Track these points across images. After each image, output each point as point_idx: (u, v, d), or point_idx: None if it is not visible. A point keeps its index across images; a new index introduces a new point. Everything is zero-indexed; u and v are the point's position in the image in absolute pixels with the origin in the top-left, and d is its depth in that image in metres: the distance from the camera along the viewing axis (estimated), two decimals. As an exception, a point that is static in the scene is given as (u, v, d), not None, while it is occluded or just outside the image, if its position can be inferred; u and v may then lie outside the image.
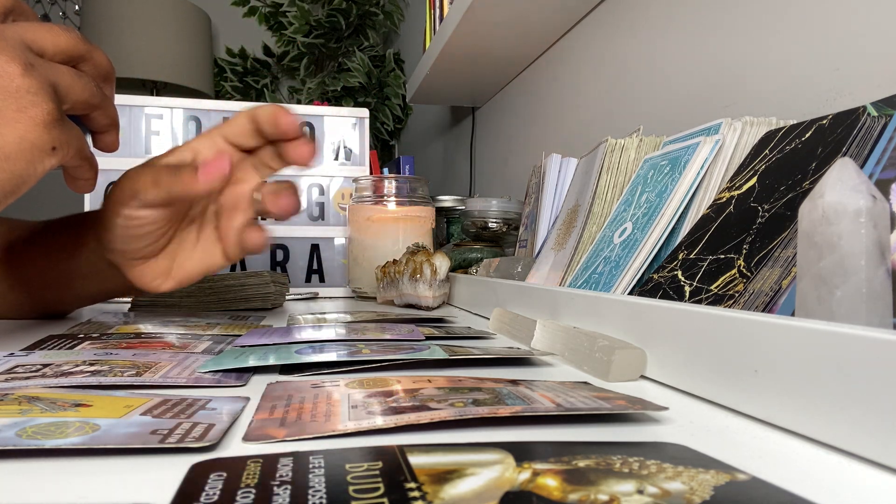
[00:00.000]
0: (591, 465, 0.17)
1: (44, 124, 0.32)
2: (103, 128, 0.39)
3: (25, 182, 0.32)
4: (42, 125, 0.31)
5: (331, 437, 0.20)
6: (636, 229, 0.47)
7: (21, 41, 0.32)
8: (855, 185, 0.24)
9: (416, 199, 0.82)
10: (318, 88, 2.17)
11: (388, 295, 0.70)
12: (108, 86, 0.38)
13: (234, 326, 0.47)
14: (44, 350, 0.35)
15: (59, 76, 0.33)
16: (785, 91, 0.51)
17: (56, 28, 0.34)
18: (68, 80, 0.34)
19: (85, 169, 0.38)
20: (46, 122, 0.32)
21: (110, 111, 0.38)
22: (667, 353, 0.29)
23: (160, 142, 0.86)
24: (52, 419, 0.20)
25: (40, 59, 0.33)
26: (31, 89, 0.31)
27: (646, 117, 0.73)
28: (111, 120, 0.39)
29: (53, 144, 0.32)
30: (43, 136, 0.32)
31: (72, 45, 0.34)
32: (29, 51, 0.32)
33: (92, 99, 0.35)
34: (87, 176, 0.39)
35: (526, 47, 1.05)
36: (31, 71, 0.31)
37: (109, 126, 0.39)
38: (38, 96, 0.31)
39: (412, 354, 0.33)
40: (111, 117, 0.39)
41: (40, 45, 0.33)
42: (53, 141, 0.32)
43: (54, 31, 0.34)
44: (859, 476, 0.18)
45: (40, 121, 0.31)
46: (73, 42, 0.34)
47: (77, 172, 0.38)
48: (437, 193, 1.17)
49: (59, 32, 0.34)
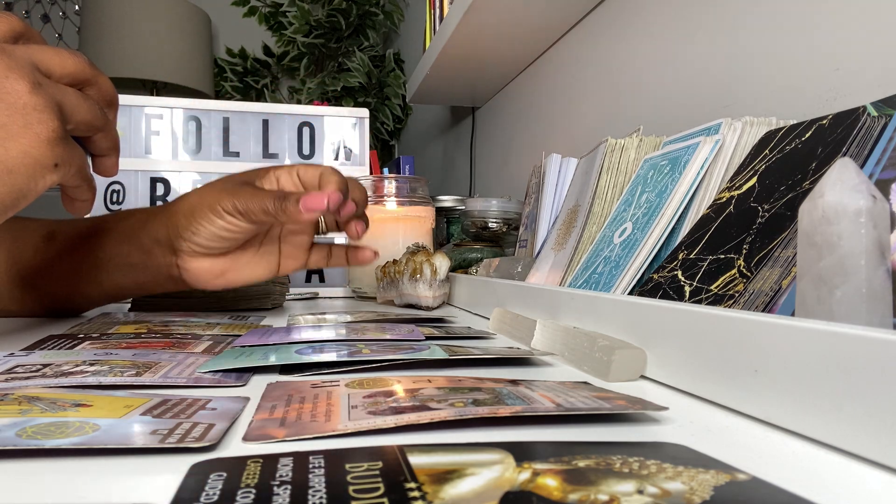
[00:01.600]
0: (591, 465, 0.17)
1: (47, 141, 0.32)
2: (104, 151, 0.40)
3: (26, 196, 0.33)
4: (46, 142, 0.32)
5: (331, 437, 0.20)
6: (636, 229, 0.47)
7: (30, 61, 0.33)
8: (855, 185, 0.24)
9: (416, 199, 0.82)
10: (318, 88, 2.17)
11: (388, 295, 0.70)
12: (112, 111, 0.40)
13: (234, 326, 0.47)
14: (44, 350, 0.35)
15: (65, 96, 0.34)
16: (785, 91, 0.51)
17: (64, 52, 0.35)
18: (74, 101, 0.35)
19: (84, 190, 0.39)
20: (50, 138, 0.32)
21: (112, 135, 0.39)
22: (667, 353, 0.29)
23: (160, 142, 0.86)
24: (52, 419, 0.20)
25: (47, 80, 0.34)
26: (37, 107, 0.32)
27: (646, 117, 0.73)
28: (113, 143, 0.40)
29: (56, 161, 0.33)
30: (46, 153, 0.33)
31: (79, 68, 0.36)
32: (37, 71, 0.33)
33: (95, 121, 0.36)
34: (86, 197, 0.39)
35: (526, 47, 1.05)
36: (38, 89, 0.32)
37: (110, 150, 0.40)
38: (43, 114, 0.32)
39: (412, 354, 0.33)
40: (113, 141, 0.40)
41: (48, 66, 0.34)
42: (56, 158, 0.33)
43: (62, 54, 0.35)
44: (859, 476, 0.18)
45: (44, 137, 0.32)
46: (80, 66, 0.36)
47: (76, 193, 0.39)
48: (437, 193, 1.17)
49: (66, 56, 0.35)
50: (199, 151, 0.88)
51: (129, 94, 0.88)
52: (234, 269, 0.48)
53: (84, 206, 0.40)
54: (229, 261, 0.48)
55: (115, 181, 0.85)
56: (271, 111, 0.90)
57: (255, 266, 0.49)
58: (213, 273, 0.47)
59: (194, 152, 0.88)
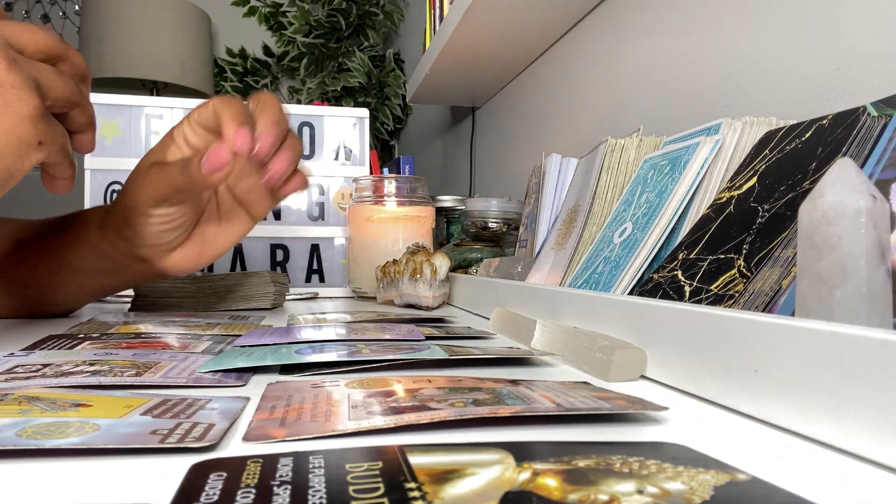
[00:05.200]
0: (591, 465, 0.17)
1: (30, 119, 0.32)
2: (81, 127, 0.39)
3: (13, 176, 0.33)
4: (28, 120, 0.32)
5: (331, 437, 0.20)
6: (636, 229, 0.47)
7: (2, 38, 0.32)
8: (855, 185, 0.24)
9: (416, 199, 0.82)
10: (318, 88, 2.17)
11: (388, 295, 0.70)
12: (85, 86, 0.39)
13: (234, 326, 0.47)
14: (44, 350, 0.35)
15: (40, 73, 0.33)
16: (785, 91, 0.51)
17: (34, 27, 0.34)
18: (50, 77, 0.34)
19: (65, 167, 0.38)
20: (32, 116, 0.32)
21: (88, 110, 0.39)
22: (667, 353, 0.29)
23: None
24: (52, 419, 0.20)
25: (21, 56, 0.33)
26: (15, 84, 0.31)
27: (646, 117, 0.73)
28: (89, 119, 0.39)
29: (40, 139, 0.33)
30: (29, 131, 0.32)
31: (50, 44, 0.35)
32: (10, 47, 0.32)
33: (72, 96, 0.36)
34: (67, 174, 0.39)
35: (526, 47, 1.05)
36: (14, 66, 0.31)
37: (87, 125, 0.39)
38: (23, 91, 0.32)
39: (412, 354, 0.33)
40: (89, 116, 0.39)
41: (19, 42, 0.33)
42: (40, 135, 0.33)
43: (32, 29, 0.34)
44: (859, 476, 0.18)
45: (26, 115, 0.32)
46: (50, 41, 0.35)
47: (57, 171, 0.38)
48: (437, 193, 1.17)
49: (36, 31, 0.34)
50: (199, 151, 0.88)
51: (129, 94, 0.88)
52: (209, 244, 0.46)
53: (65, 183, 0.39)
54: (197, 243, 0.45)
55: (115, 181, 0.85)
56: (271, 111, 0.90)
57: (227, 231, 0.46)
58: (189, 258, 0.45)
59: (194, 152, 0.87)
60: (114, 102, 0.85)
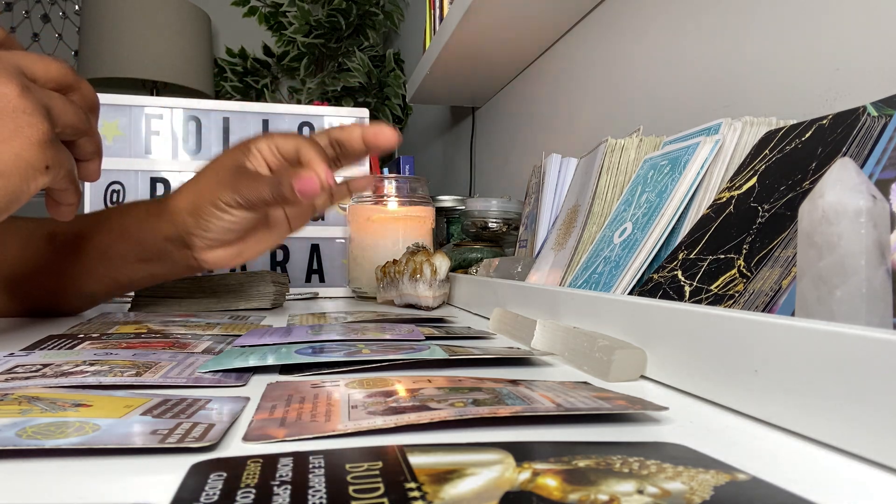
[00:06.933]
0: (591, 465, 0.17)
1: (39, 143, 0.33)
2: (89, 155, 0.40)
3: (18, 199, 0.34)
4: (37, 144, 0.33)
5: (331, 437, 0.20)
6: (636, 229, 0.47)
7: (16, 65, 0.33)
8: (855, 185, 0.24)
9: (416, 199, 0.82)
10: (318, 88, 2.17)
11: (388, 295, 0.70)
12: (94, 116, 0.40)
13: (234, 326, 0.47)
14: (44, 350, 0.35)
15: (51, 100, 0.35)
16: (785, 91, 0.51)
17: (47, 58, 0.36)
18: (60, 105, 0.35)
19: (70, 193, 0.39)
20: (41, 141, 0.33)
21: (96, 139, 0.40)
22: (667, 353, 0.29)
23: (160, 142, 0.86)
24: (52, 419, 0.20)
25: (34, 84, 0.34)
26: (26, 110, 0.32)
27: (646, 117, 0.73)
28: (95, 148, 0.40)
29: (47, 163, 0.34)
30: (38, 155, 0.33)
31: (62, 74, 0.36)
32: (23, 75, 0.34)
33: (81, 125, 0.37)
34: (72, 201, 0.40)
35: (526, 47, 1.05)
36: (26, 93, 0.33)
37: (94, 154, 0.40)
38: (33, 116, 0.33)
39: (412, 354, 0.33)
40: (96, 145, 0.40)
41: (33, 71, 0.35)
42: (47, 160, 0.34)
43: (46, 60, 0.36)
44: (859, 476, 0.18)
45: (35, 140, 0.33)
46: (63, 72, 0.36)
47: (62, 197, 0.39)
48: (437, 193, 1.17)
49: (50, 62, 0.36)
50: (200, 151, 0.88)
51: (129, 94, 0.88)
52: (249, 247, 0.50)
53: (69, 210, 0.40)
54: (242, 243, 0.49)
55: (115, 181, 0.85)
56: (271, 111, 0.90)
57: (268, 238, 0.50)
58: (229, 256, 0.49)
59: (194, 152, 0.87)
60: (114, 102, 0.85)
